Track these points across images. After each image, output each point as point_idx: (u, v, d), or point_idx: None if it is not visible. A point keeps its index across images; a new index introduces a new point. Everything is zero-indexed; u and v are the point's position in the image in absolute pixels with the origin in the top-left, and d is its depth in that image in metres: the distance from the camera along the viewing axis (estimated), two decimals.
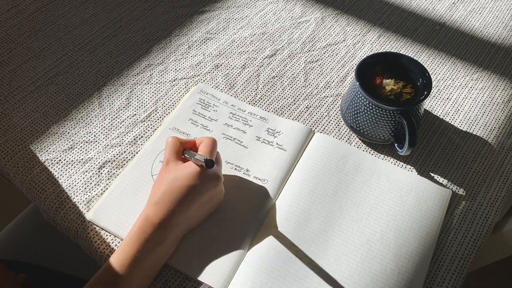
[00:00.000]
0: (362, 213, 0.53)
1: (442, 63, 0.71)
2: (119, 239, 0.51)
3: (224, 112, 0.62)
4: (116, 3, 0.75)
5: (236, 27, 0.74)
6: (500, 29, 0.76)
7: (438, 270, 0.51)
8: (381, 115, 0.55)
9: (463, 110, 0.65)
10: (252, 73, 0.68)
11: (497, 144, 0.62)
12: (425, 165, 0.59)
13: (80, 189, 0.55)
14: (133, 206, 0.53)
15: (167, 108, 0.63)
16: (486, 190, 0.57)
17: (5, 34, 0.69)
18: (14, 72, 0.65)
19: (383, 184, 0.55)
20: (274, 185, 0.55)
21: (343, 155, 0.58)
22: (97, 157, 0.58)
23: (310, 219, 0.52)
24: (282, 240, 0.50)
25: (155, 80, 0.66)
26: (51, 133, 0.60)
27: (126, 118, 0.62)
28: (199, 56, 0.69)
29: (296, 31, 0.74)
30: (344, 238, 0.51)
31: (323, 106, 0.65)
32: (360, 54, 0.71)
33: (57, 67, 0.66)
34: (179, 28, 0.73)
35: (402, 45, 0.73)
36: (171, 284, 0.49)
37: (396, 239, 0.51)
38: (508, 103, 0.66)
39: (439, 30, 0.75)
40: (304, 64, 0.69)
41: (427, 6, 0.79)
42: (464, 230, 0.54)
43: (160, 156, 0.57)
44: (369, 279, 0.48)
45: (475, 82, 0.68)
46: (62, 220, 0.53)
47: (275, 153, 0.58)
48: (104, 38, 0.70)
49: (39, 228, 0.69)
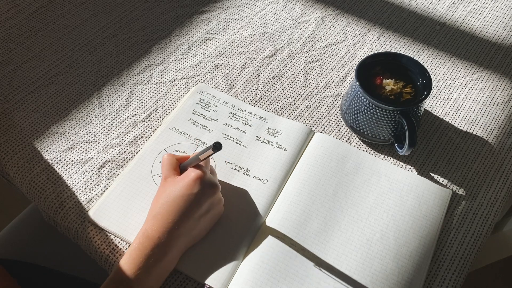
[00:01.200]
0: (362, 213, 0.53)
1: (442, 63, 0.71)
2: (119, 239, 0.51)
3: (224, 112, 0.62)
4: (116, 3, 0.75)
5: (236, 27, 0.74)
6: (500, 29, 0.76)
7: (438, 270, 0.51)
8: (381, 115, 0.55)
9: (463, 110, 0.65)
10: (252, 73, 0.68)
11: (497, 144, 0.62)
12: (425, 165, 0.59)
13: (80, 189, 0.55)
14: (133, 206, 0.53)
15: (167, 108, 0.63)
16: (486, 190, 0.57)
17: (5, 34, 0.69)
18: (14, 72, 0.65)
19: (383, 184, 0.55)
20: (274, 185, 0.55)
21: (343, 155, 0.58)
22: (97, 157, 0.58)
23: (310, 219, 0.52)
24: (282, 240, 0.50)
25: (155, 80, 0.66)
26: (51, 133, 0.60)
27: (126, 118, 0.62)
28: (199, 56, 0.69)
29: (296, 31, 0.74)
30: (344, 238, 0.51)
31: (323, 106, 0.65)
32: (360, 54, 0.71)
33: (57, 67, 0.66)
34: (179, 28, 0.73)
35: (402, 45, 0.73)
36: (171, 284, 0.49)
37: (396, 239, 0.51)
38: (508, 103, 0.66)
39: (439, 30, 0.75)
40: (304, 64, 0.69)
41: (427, 6, 0.79)
42: (464, 230, 0.54)
43: (160, 156, 0.57)
44: (369, 279, 0.48)
45: (475, 82, 0.68)
46: (62, 220, 0.53)
47: (275, 153, 0.58)
48: (104, 38, 0.70)
49: (39, 228, 0.69)
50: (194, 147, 0.58)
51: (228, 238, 0.51)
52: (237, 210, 0.53)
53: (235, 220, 0.52)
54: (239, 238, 0.51)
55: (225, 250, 0.50)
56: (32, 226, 0.70)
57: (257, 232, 0.52)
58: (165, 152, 0.57)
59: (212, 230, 0.51)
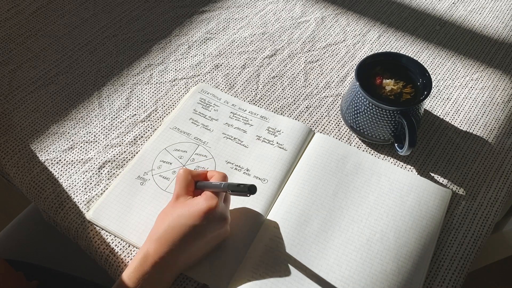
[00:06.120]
0: (362, 213, 0.53)
1: (442, 63, 0.71)
2: (119, 239, 0.51)
3: (225, 112, 0.62)
4: (116, 3, 0.75)
5: (236, 27, 0.74)
6: (500, 29, 0.76)
7: (438, 270, 0.51)
8: (381, 115, 0.55)
9: (463, 110, 0.65)
10: (252, 73, 0.68)
11: (497, 144, 0.62)
12: (425, 165, 0.59)
13: (80, 189, 0.55)
14: (132, 205, 0.53)
15: (167, 108, 0.63)
16: (486, 190, 0.57)
17: (5, 34, 0.69)
18: (14, 72, 0.65)
19: (383, 184, 0.55)
20: (274, 185, 0.55)
21: (343, 155, 0.58)
22: (97, 157, 0.58)
23: (310, 219, 0.52)
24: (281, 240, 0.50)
25: (155, 80, 0.66)
26: (51, 133, 0.60)
27: (126, 118, 0.62)
28: (199, 56, 0.69)
29: (296, 31, 0.74)
30: (344, 239, 0.51)
31: (323, 106, 0.65)
32: (360, 54, 0.71)
33: (57, 67, 0.66)
34: (179, 28, 0.73)
35: (402, 45, 0.73)
36: (171, 284, 0.48)
37: (396, 239, 0.51)
38: (508, 103, 0.66)
39: (439, 30, 0.75)
40: (304, 64, 0.69)
41: (427, 6, 0.79)
42: (464, 230, 0.54)
43: (160, 156, 0.57)
44: (369, 279, 0.48)
45: (475, 82, 0.68)
46: (62, 220, 0.53)
47: (275, 152, 0.58)
48: (104, 38, 0.70)
49: (39, 228, 0.69)
50: (194, 146, 0.58)
51: (228, 238, 0.51)
52: (237, 210, 0.53)
53: (235, 220, 0.52)
54: (239, 238, 0.51)
55: (225, 250, 0.50)
56: (32, 226, 0.70)
57: (257, 232, 0.52)
58: (165, 152, 0.57)
59: None
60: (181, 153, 0.58)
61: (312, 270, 0.49)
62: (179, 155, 0.57)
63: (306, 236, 0.51)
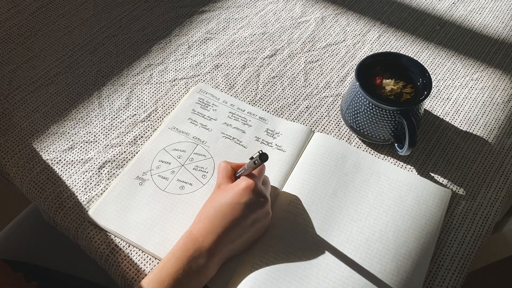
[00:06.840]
0: (362, 213, 0.53)
1: (442, 63, 0.70)
2: (119, 239, 0.51)
3: (224, 112, 0.62)
4: (116, 3, 0.75)
5: (236, 27, 0.74)
6: (500, 29, 0.75)
7: (438, 270, 0.51)
8: (381, 115, 0.55)
9: (463, 110, 0.65)
10: (252, 73, 0.68)
11: (497, 144, 0.62)
12: (425, 165, 0.59)
13: (80, 189, 0.55)
14: (132, 205, 0.53)
15: (167, 108, 0.63)
16: (486, 190, 0.57)
17: (5, 34, 0.69)
18: (14, 72, 0.65)
19: (383, 184, 0.55)
20: (274, 186, 0.55)
21: (343, 154, 0.58)
22: (97, 157, 0.58)
23: (309, 219, 0.52)
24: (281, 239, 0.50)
25: (155, 80, 0.66)
26: (51, 133, 0.60)
27: (126, 118, 0.62)
28: (199, 56, 0.69)
29: (296, 31, 0.74)
30: (343, 238, 0.51)
31: (323, 106, 0.65)
32: (360, 54, 0.71)
33: (57, 67, 0.66)
34: (179, 28, 0.73)
35: (402, 45, 0.73)
36: None
37: (395, 239, 0.51)
38: (508, 103, 0.66)
39: (439, 30, 0.75)
40: (304, 64, 0.69)
41: (427, 6, 0.79)
42: (464, 230, 0.54)
43: (159, 156, 0.57)
44: (368, 278, 0.48)
45: (475, 82, 0.68)
46: (62, 220, 0.53)
47: (274, 154, 0.58)
48: (104, 38, 0.70)
49: (39, 228, 0.69)
50: (193, 145, 0.58)
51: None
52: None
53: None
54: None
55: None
56: (32, 226, 0.70)
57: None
58: (164, 152, 0.57)
59: None
60: (180, 153, 0.58)
61: (311, 270, 0.49)
62: (177, 155, 0.57)
63: (306, 235, 0.51)
